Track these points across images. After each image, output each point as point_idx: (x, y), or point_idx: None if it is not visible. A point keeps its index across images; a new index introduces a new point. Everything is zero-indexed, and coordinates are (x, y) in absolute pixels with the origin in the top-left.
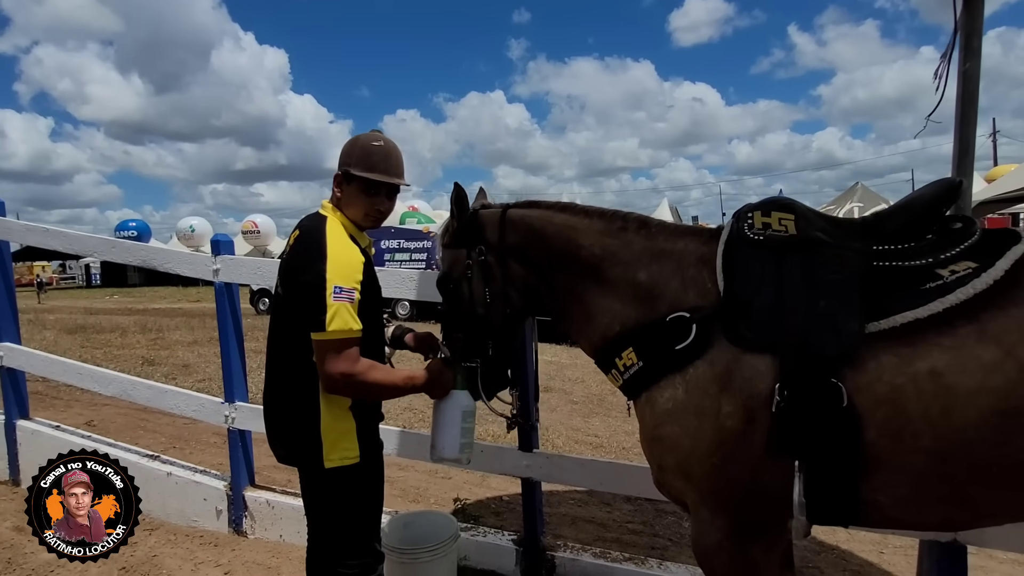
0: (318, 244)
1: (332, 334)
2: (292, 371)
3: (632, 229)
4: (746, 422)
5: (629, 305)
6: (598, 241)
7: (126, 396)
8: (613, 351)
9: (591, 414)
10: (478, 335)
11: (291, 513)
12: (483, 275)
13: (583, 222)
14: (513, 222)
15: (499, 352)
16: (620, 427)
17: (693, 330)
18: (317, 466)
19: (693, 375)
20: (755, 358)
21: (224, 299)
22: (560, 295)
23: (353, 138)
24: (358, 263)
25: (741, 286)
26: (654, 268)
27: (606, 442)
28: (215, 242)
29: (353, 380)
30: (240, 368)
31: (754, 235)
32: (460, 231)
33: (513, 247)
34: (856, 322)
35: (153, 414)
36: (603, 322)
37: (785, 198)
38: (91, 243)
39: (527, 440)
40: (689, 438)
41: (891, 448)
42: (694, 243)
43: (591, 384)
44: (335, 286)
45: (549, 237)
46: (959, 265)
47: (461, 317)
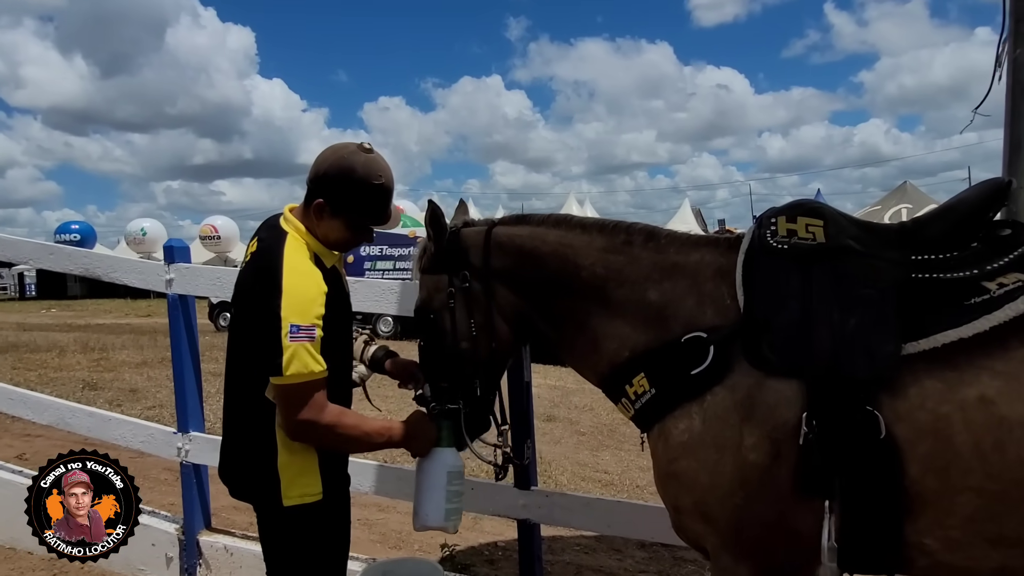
0: (273, 273)
1: (289, 379)
2: (246, 396)
3: (638, 243)
4: (771, 456)
5: (639, 328)
6: (600, 259)
7: (64, 425)
8: (622, 378)
9: (600, 447)
10: (462, 373)
11: (253, 561)
12: (467, 304)
13: (581, 239)
14: (500, 243)
15: (485, 391)
16: (634, 462)
17: (711, 352)
18: (275, 504)
19: (711, 403)
20: (780, 383)
21: (178, 314)
22: (558, 322)
23: (342, 161)
24: (318, 294)
25: (763, 302)
26: (666, 285)
27: (617, 479)
28: (168, 248)
29: (317, 428)
30: (196, 393)
31: (777, 243)
32: (439, 255)
33: (501, 271)
34: (892, 342)
35: (95, 446)
36: (610, 348)
37: (813, 201)
38: (25, 249)
39: (524, 476)
40: (708, 474)
41: (937, 486)
42: (711, 255)
43: (600, 412)
44: (291, 324)
45: (543, 258)
46: (1008, 277)
47: (442, 353)
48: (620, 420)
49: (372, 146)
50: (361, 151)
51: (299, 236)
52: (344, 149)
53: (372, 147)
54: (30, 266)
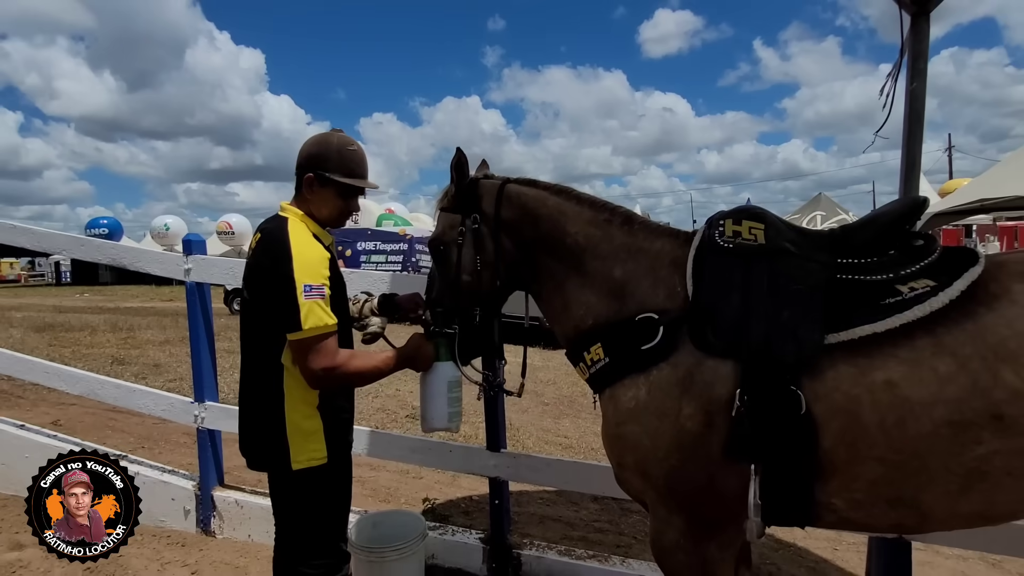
0: (282, 244)
1: (309, 332)
2: (257, 374)
3: (617, 223)
4: (705, 425)
5: (603, 300)
6: (583, 230)
7: (93, 395)
8: (583, 344)
9: (561, 415)
10: (463, 302)
11: (260, 513)
12: (474, 243)
13: (573, 208)
14: (509, 197)
15: (482, 320)
16: (589, 428)
17: (660, 332)
18: (285, 468)
19: (656, 376)
20: (718, 363)
21: (195, 299)
22: (543, 278)
23: (320, 139)
24: (323, 259)
25: (709, 292)
26: (629, 265)
27: (575, 443)
28: (187, 242)
29: (335, 372)
30: (211, 368)
31: (724, 242)
32: (458, 196)
33: (506, 222)
34: (817, 332)
35: (122, 414)
36: (578, 313)
37: (756, 207)
38: (60, 241)
39: (495, 440)
40: (649, 438)
41: (847, 456)
42: (670, 245)
43: (563, 386)
44: (304, 284)
45: (540, 218)
46: (918, 283)
47: (448, 281)
48: (579, 393)
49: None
50: (333, 132)
51: (298, 219)
52: (319, 134)
53: (342, 130)
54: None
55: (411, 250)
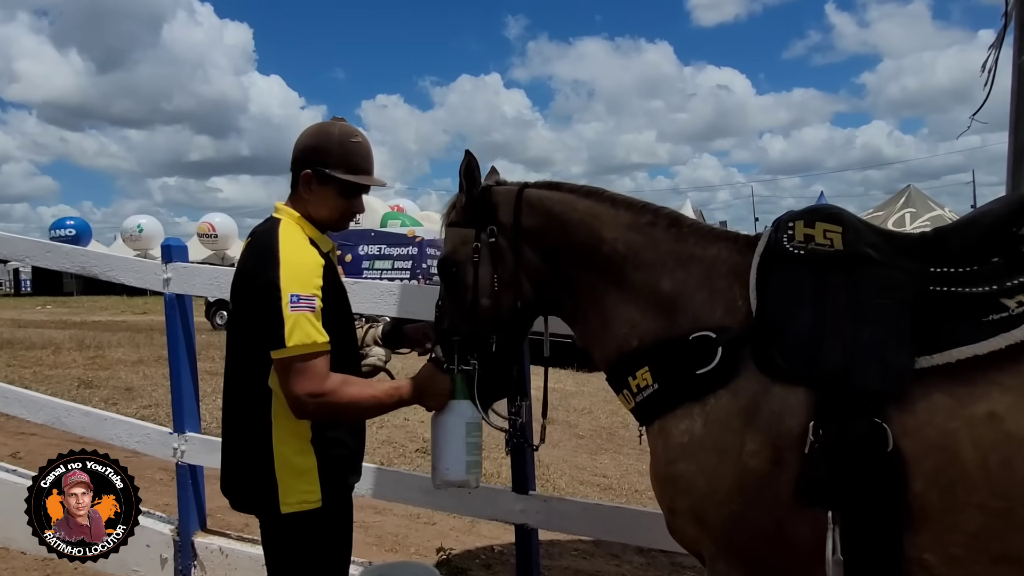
0: (269, 249)
1: (293, 349)
2: (242, 400)
3: (661, 226)
4: (773, 463)
5: (650, 317)
6: (622, 235)
7: (59, 424)
8: (627, 368)
9: (599, 450)
10: (480, 329)
11: (247, 563)
12: (492, 259)
13: (609, 211)
14: (531, 203)
15: (502, 351)
16: (633, 466)
17: (718, 353)
18: (272, 511)
19: (714, 405)
20: (787, 391)
21: (175, 313)
22: (577, 294)
23: (320, 130)
24: (316, 265)
25: (776, 307)
26: (679, 275)
27: (616, 483)
28: (166, 247)
29: (324, 400)
30: (192, 393)
31: (794, 249)
32: (469, 208)
33: (529, 231)
34: (906, 355)
35: (91, 445)
36: (620, 332)
37: (832, 207)
38: (22, 246)
39: (521, 480)
40: (706, 478)
41: (941, 502)
42: (727, 251)
43: (599, 415)
44: (291, 294)
45: (570, 225)
46: None
47: (462, 307)
48: (619, 423)
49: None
50: (334, 121)
51: (292, 220)
52: (318, 124)
53: (344, 119)
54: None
55: (422, 255)
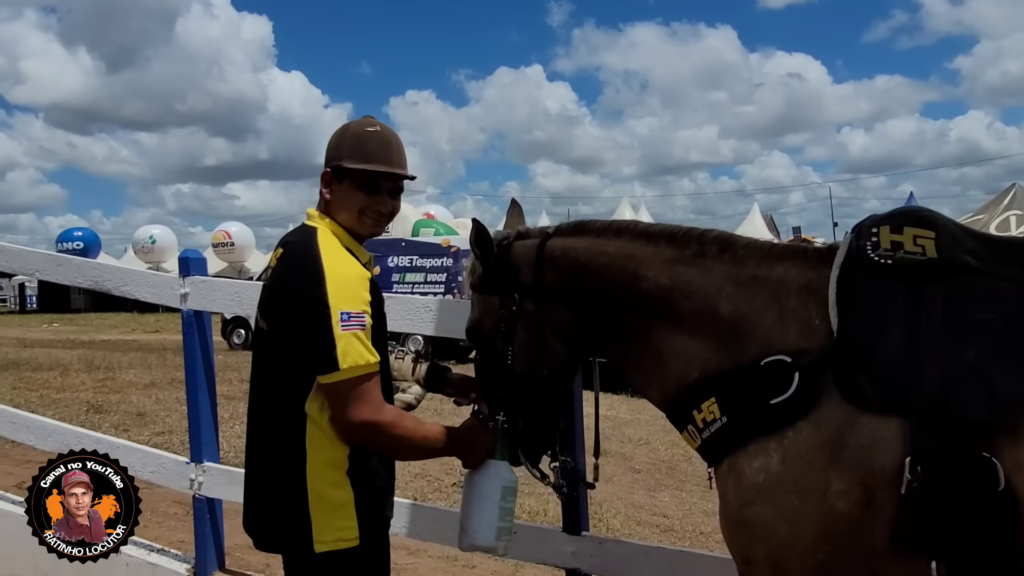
0: (312, 262)
1: (348, 372)
2: (272, 427)
3: (712, 255)
4: (864, 505)
5: (711, 345)
6: (665, 271)
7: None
8: (690, 402)
9: (658, 486)
10: (519, 394)
11: None
12: (519, 327)
13: (645, 250)
14: (554, 259)
15: (544, 411)
16: (697, 505)
17: (795, 380)
18: (305, 551)
19: (793, 440)
20: (878, 421)
21: (193, 331)
22: (622, 338)
23: (342, 127)
24: (363, 278)
25: (860, 325)
26: (741, 298)
27: (678, 524)
28: (184, 260)
29: (380, 430)
30: (210, 419)
31: (879, 257)
32: (488, 274)
33: (555, 288)
34: (1017, 379)
35: None
36: (677, 367)
37: (923, 209)
38: (32, 259)
39: (574, 520)
40: (786, 523)
41: None
42: (797, 268)
43: (658, 447)
44: (341, 312)
45: (600, 271)
46: None
47: (498, 373)
48: (681, 456)
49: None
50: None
51: (328, 229)
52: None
53: (373, 117)
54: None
55: (457, 266)
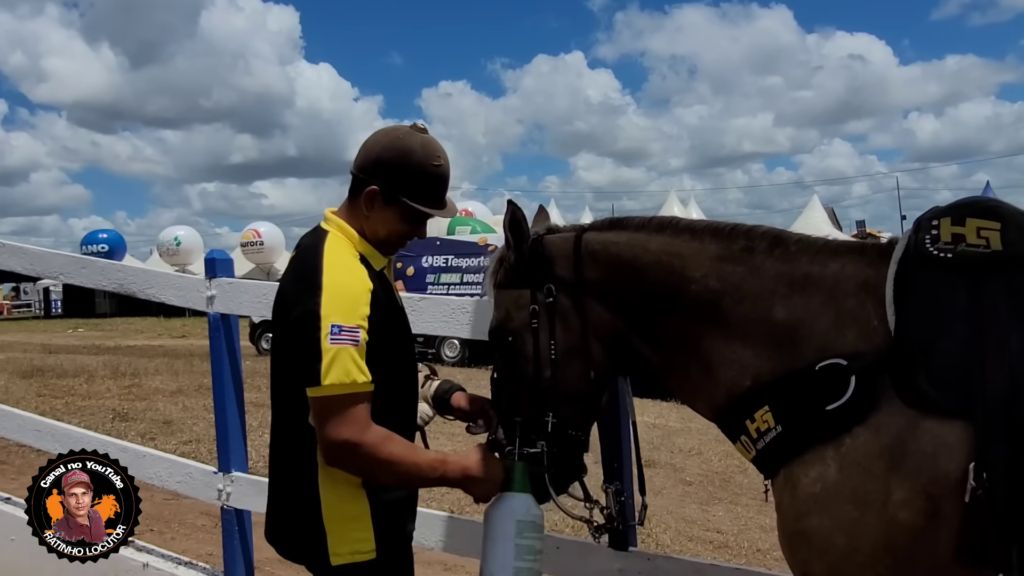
0: (312, 269)
1: (329, 388)
2: (286, 436)
3: (761, 251)
4: (927, 515)
5: (763, 352)
6: (714, 270)
7: None
8: (742, 412)
9: (711, 500)
10: (546, 408)
11: None
12: (554, 324)
13: (691, 246)
14: (593, 252)
15: (575, 429)
16: (753, 520)
17: (852, 384)
18: (322, 563)
19: (851, 447)
20: (940, 425)
21: (220, 335)
22: (665, 345)
23: (397, 142)
24: (363, 291)
25: (920, 324)
26: (796, 301)
27: (732, 540)
28: (211, 260)
29: (360, 452)
30: (238, 426)
31: (939, 252)
32: (519, 265)
33: (594, 284)
34: None
35: None
36: (728, 376)
37: (989, 199)
38: (56, 262)
39: (621, 534)
40: (844, 535)
41: None
42: (854, 265)
43: (711, 458)
44: (332, 324)
45: (644, 269)
46: None
47: (523, 384)
48: (735, 467)
49: (426, 127)
50: (416, 131)
51: (342, 235)
52: (397, 131)
53: (426, 128)
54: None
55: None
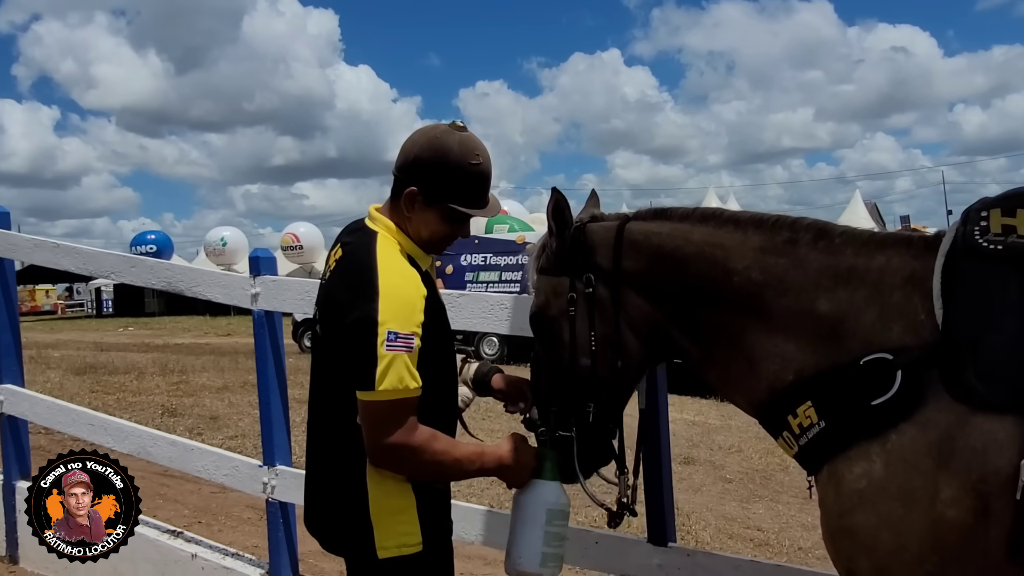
0: (367, 273)
1: (383, 394)
2: (331, 433)
3: (805, 242)
4: (977, 513)
5: (806, 346)
6: (757, 262)
7: (144, 454)
8: (785, 407)
9: (752, 497)
10: (578, 395)
11: None
12: (591, 313)
13: (734, 237)
14: (634, 241)
15: (604, 418)
16: (795, 518)
17: (898, 378)
18: (368, 556)
19: (897, 443)
20: (990, 421)
21: (264, 332)
22: (705, 337)
23: (435, 141)
24: (418, 298)
25: (969, 317)
26: (840, 294)
27: (774, 538)
28: (255, 259)
29: (407, 454)
30: (282, 421)
31: (989, 243)
32: (560, 252)
33: (634, 275)
34: None
35: (175, 479)
36: (770, 370)
37: None
38: (108, 261)
39: (660, 530)
40: (891, 532)
41: None
42: (900, 258)
43: (751, 455)
44: (388, 331)
45: (686, 260)
46: None
47: (557, 370)
48: (776, 465)
49: (465, 124)
50: (455, 130)
51: (390, 235)
52: (435, 130)
53: (465, 125)
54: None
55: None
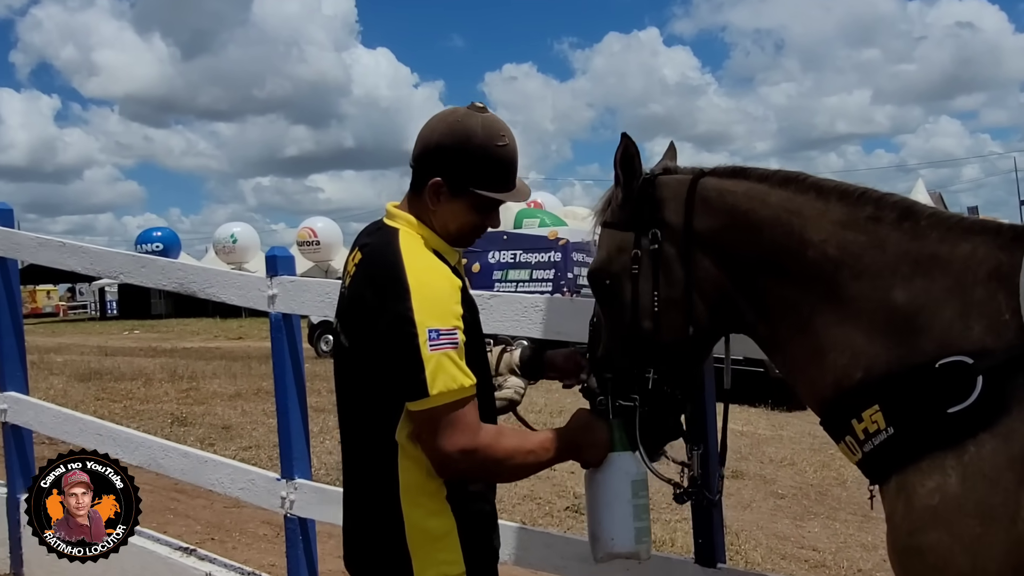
0: (394, 271)
1: (438, 399)
2: (361, 454)
3: (889, 220)
4: None
5: (879, 340)
6: (835, 236)
7: (155, 466)
8: (850, 408)
9: (806, 514)
10: (640, 360)
11: None
12: (656, 272)
13: (814, 205)
14: (707, 198)
15: (670, 386)
16: (853, 537)
17: (978, 384)
18: None
19: (975, 455)
20: None
21: (282, 336)
22: (773, 314)
23: (458, 126)
24: (452, 290)
25: None
26: (918, 284)
27: (830, 559)
28: (272, 258)
29: (478, 456)
30: (301, 432)
31: None
32: (627, 205)
33: (705, 235)
34: None
35: (185, 493)
36: (838, 363)
37: None
38: (116, 261)
39: (708, 550)
40: (967, 553)
41: None
42: (987, 248)
43: (805, 468)
44: (429, 329)
45: (760, 225)
46: None
47: (619, 331)
48: (833, 479)
49: (485, 105)
50: (475, 111)
51: (412, 230)
52: (454, 114)
53: (485, 106)
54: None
55: (566, 261)
